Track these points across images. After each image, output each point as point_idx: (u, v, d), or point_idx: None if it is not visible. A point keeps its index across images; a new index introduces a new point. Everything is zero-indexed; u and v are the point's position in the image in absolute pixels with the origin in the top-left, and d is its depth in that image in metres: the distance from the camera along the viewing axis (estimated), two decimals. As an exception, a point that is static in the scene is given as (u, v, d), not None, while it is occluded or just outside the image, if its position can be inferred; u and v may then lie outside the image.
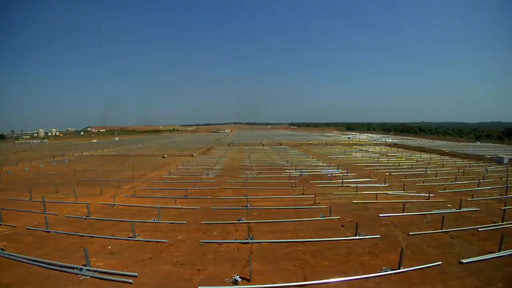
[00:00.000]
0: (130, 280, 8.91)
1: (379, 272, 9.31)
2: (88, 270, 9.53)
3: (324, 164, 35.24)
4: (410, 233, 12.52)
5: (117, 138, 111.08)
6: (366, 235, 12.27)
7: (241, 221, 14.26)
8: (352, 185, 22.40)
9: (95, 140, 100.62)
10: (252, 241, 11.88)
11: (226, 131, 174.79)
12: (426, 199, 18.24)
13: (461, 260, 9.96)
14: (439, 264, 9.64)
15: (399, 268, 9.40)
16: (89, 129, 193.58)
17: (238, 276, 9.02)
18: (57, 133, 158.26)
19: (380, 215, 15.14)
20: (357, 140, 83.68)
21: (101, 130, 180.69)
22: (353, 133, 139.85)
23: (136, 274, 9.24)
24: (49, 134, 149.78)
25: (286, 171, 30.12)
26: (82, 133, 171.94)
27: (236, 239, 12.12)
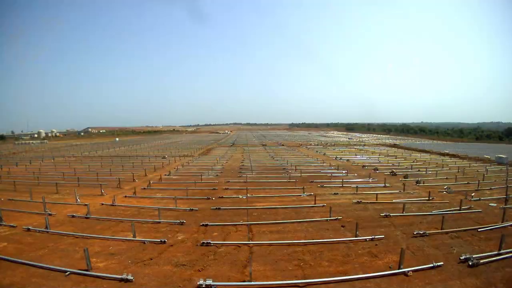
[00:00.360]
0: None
1: (379, 272, 9.29)
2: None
3: (324, 164, 35.25)
4: (410, 234, 12.51)
5: (117, 139, 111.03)
6: (366, 236, 12.27)
7: (241, 222, 14.27)
8: (352, 186, 22.40)
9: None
10: (252, 242, 11.87)
11: (226, 131, 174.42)
12: (426, 199, 18.25)
13: (460, 260, 9.94)
14: (439, 265, 9.63)
15: (399, 268, 9.40)
16: (89, 129, 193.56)
17: None
18: (57, 134, 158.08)
19: (380, 215, 15.16)
20: (357, 140, 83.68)
21: (101, 131, 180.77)
22: (353, 133, 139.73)
23: (132, 278, 9.00)
24: (49, 134, 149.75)
25: (286, 171, 30.15)
26: (82, 133, 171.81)
27: (236, 240, 12.12)
